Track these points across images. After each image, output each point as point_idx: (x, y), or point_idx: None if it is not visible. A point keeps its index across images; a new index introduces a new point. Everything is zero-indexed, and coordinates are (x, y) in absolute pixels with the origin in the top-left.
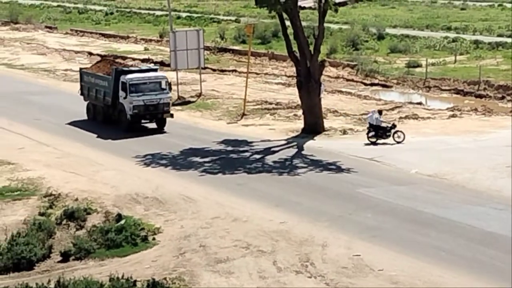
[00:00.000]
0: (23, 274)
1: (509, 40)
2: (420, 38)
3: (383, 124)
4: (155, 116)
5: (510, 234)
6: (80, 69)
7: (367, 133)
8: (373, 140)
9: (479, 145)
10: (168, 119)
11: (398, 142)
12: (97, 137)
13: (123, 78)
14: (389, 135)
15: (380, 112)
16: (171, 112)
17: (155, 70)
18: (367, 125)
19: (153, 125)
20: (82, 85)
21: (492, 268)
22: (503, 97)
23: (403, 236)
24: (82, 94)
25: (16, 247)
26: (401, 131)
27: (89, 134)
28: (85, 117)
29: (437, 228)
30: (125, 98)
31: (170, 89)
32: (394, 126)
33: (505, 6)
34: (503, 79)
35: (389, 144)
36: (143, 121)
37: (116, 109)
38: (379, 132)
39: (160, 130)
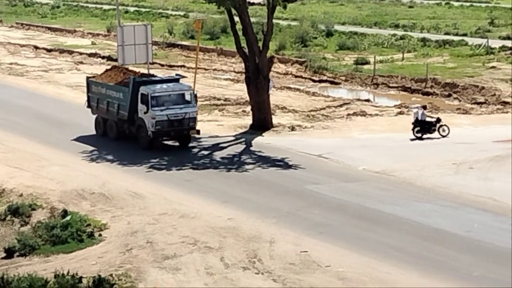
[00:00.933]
0: None
1: (455, 38)
2: (368, 36)
3: (428, 119)
4: (180, 132)
5: (456, 231)
6: (87, 78)
7: (413, 129)
8: (419, 135)
9: (426, 142)
10: None
11: (443, 136)
12: (116, 161)
13: (144, 89)
14: (435, 130)
15: (424, 107)
16: (198, 128)
17: (177, 80)
18: (413, 121)
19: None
20: (90, 96)
21: (438, 264)
22: (449, 95)
23: (350, 232)
24: (89, 106)
25: None
26: (446, 125)
27: (36, 129)
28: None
29: (384, 225)
30: (146, 112)
31: (196, 101)
32: (439, 120)
33: (452, 5)
34: (450, 77)
35: (435, 138)
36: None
37: (134, 125)
38: (425, 127)
39: (183, 147)
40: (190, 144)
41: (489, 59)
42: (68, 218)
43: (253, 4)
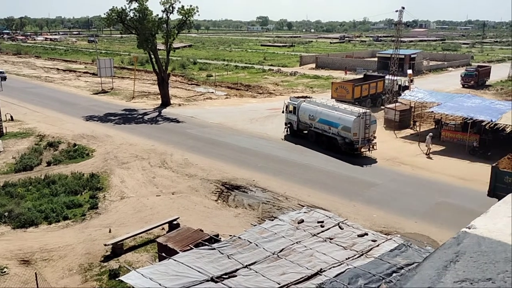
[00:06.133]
0: (28, 173)
1: (249, 65)
2: (212, 63)
3: None
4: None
5: (251, 147)
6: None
7: None
8: None
9: (238, 109)
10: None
11: None
12: None
13: None
14: None
15: None
16: None
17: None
18: None
19: None
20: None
21: (242, 160)
22: (247, 89)
23: (206, 149)
24: None
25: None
26: None
27: (57, 106)
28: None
29: (220, 146)
30: None
31: None
32: None
33: (247, 51)
34: (248, 82)
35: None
36: None
37: None
38: None
39: None
40: (134, 113)
41: (263, 74)
42: (76, 147)
43: (159, 49)
